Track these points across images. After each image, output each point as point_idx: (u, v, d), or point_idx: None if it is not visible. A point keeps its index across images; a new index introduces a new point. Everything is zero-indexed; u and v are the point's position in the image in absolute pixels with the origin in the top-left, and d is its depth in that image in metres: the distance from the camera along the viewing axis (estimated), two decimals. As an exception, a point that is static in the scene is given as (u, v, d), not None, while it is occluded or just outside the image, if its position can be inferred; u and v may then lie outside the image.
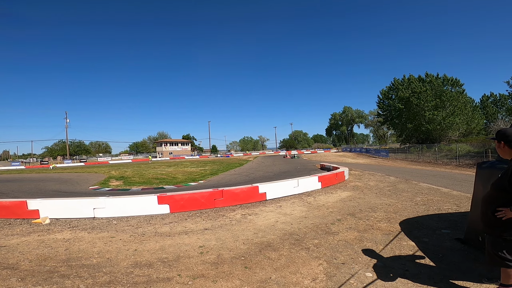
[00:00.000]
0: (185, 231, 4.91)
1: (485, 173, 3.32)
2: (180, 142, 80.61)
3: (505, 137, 2.24)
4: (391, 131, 65.85)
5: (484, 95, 52.29)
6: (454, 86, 36.88)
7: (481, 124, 37.73)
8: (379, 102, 47.62)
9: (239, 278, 2.99)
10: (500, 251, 2.22)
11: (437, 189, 8.29)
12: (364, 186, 9.38)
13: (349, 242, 3.98)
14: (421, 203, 6.43)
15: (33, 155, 74.06)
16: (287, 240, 4.20)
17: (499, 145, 2.30)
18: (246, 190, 7.56)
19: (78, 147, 75.41)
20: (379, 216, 5.41)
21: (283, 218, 5.58)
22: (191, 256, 3.67)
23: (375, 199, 7.10)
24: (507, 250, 2.19)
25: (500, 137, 2.28)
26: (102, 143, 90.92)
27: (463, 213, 5.25)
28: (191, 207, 6.71)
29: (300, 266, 3.23)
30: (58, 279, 3.04)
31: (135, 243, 4.29)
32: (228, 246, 4.05)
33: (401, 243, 3.84)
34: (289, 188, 8.39)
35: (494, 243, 2.27)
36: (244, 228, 5.01)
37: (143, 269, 3.28)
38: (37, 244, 4.28)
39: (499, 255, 2.23)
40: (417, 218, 5.12)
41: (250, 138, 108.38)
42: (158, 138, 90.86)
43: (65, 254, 3.84)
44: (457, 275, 2.82)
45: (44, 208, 6.07)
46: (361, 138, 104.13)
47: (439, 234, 4.16)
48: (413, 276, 2.84)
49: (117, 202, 6.34)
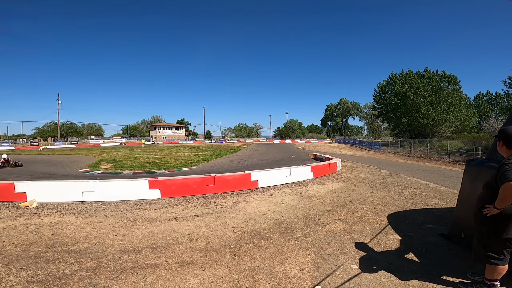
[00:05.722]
0: (175, 217, 4.90)
1: (473, 171, 3.36)
2: (174, 127, 79.72)
3: (505, 137, 2.26)
4: (385, 125, 66.50)
5: (479, 93, 52.85)
6: (451, 83, 37.10)
7: (474, 121, 38.34)
8: (376, 95, 47.69)
9: (227, 266, 3.01)
10: (485, 248, 2.29)
11: (425, 184, 8.47)
12: (356, 178, 9.51)
13: (338, 234, 4.04)
14: (410, 197, 6.56)
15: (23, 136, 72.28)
16: (277, 230, 4.24)
17: (499, 144, 2.33)
18: (239, 177, 7.56)
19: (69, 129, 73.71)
20: (368, 208, 5.50)
21: (274, 207, 5.63)
22: (180, 243, 3.67)
23: (365, 192, 7.21)
24: (492, 247, 2.26)
25: (500, 136, 2.30)
26: (94, 125, 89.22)
27: (448, 209, 5.38)
28: (183, 193, 6.69)
29: (288, 256, 3.28)
30: (43, 264, 3.00)
31: (124, 229, 4.27)
32: (218, 233, 4.07)
33: (388, 237, 3.92)
34: (282, 177, 8.43)
35: (481, 240, 2.33)
36: (235, 215, 5.04)
37: (131, 255, 3.27)
38: (23, 229, 4.21)
39: (484, 253, 2.29)
40: (405, 212, 5.23)
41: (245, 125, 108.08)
42: (152, 122, 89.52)
43: (51, 239, 3.79)
44: (438, 270, 2.90)
45: (31, 191, 5.94)
46: (355, 130, 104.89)
47: (424, 229, 4.27)
48: (396, 269, 2.91)
49: (107, 185, 6.25)
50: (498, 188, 2.09)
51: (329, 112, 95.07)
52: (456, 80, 37.43)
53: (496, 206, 2.10)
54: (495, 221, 2.19)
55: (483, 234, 2.31)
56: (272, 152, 26.70)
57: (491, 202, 2.18)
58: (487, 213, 2.20)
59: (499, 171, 2.10)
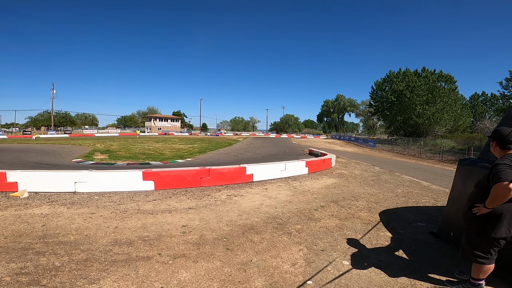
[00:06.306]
0: (168, 210, 4.89)
1: (465, 170, 3.40)
2: (170, 118, 78.91)
3: (498, 137, 2.27)
4: (380, 122, 66.92)
5: (475, 93, 53.43)
6: (448, 83, 37.33)
7: (468, 121, 38.85)
8: (372, 93, 47.78)
9: (220, 260, 3.02)
10: (473, 247, 2.33)
11: (418, 182, 8.59)
12: (349, 175, 9.59)
13: (330, 230, 4.08)
14: (402, 195, 6.65)
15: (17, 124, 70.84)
16: (270, 224, 4.26)
17: (492, 144, 2.35)
18: (234, 170, 7.55)
19: (63, 118, 72.30)
20: (361, 205, 5.57)
21: (268, 201, 5.65)
22: (173, 235, 3.67)
23: (358, 188, 7.28)
24: (479, 246, 2.30)
25: (494, 136, 2.32)
26: (89, 115, 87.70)
27: (439, 207, 5.47)
28: (177, 185, 6.66)
29: (281, 251, 3.30)
30: (32, 256, 2.96)
31: (116, 220, 4.23)
32: (212, 226, 4.07)
33: (379, 234, 3.97)
34: (277, 171, 8.45)
35: (469, 238, 2.37)
36: (229, 209, 5.05)
37: (123, 247, 3.25)
38: (14, 219, 4.14)
39: (472, 251, 2.33)
40: (396, 210, 5.31)
41: (241, 119, 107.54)
42: (148, 113, 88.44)
43: (41, 231, 3.74)
44: (426, 268, 2.95)
45: (23, 181, 5.83)
46: (351, 126, 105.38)
47: (415, 226, 4.34)
48: (386, 266, 2.96)
49: (100, 176, 6.17)
50: (490, 188, 2.11)
51: (326, 108, 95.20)
52: (452, 80, 37.68)
53: (487, 205, 2.12)
54: (484, 220, 2.22)
55: (471, 233, 2.34)
56: (268, 146, 26.71)
57: (481, 202, 2.20)
58: (477, 212, 2.23)
59: (492, 171, 2.12)
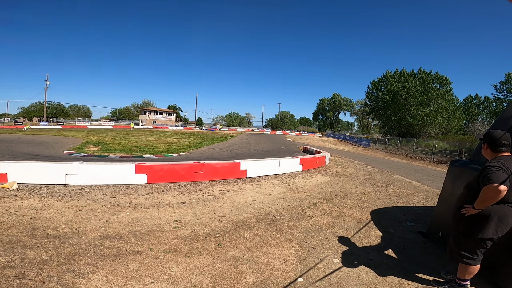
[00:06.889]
0: (161, 204, 4.85)
1: (456, 171, 3.45)
2: (165, 112, 78.00)
3: (489, 140, 2.30)
4: (375, 122, 67.56)
5: (469, 95, 54.25)
6: (443, 85, 37.75)
7: (461, 123, 39.51)
8: (368, 92, 48.07)
9: (211, 255, 3.01)
10: (460, 247, 2.37)
11: (409, 182, 8.72)
12: (343, 173, 9.67)
13: (322, 227, 4.12)
14: (393, 194, 6.75)
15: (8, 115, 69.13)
16: (263, 220, 4.27)
17: (483, 146, 2.38)
18: (228, 165, 7.52)
19: (56, 110, 70.76)
20: (353, 203, 5.62)
21: (261, 198, 5.66)
22: (164, 230, 3.64)
23: (351, 187, 7.35)
24: (466, 246, 2.34)
25: (486, 138, 2.34)
26: (82, 107, 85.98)
27: (429, 208, 5.57)
28: (170, 179, 6.60)
29: (273, 247, 3.31)
30: (20, 249, 2.90)
31: (107, 214, 4.18)
32: (204, 222, 4.06)
33: (370, 232, 4.02)
34: (270, 168, 8.46)
35: (456, 239, 2.41)
36: (222, 204, 5.04)
37: (113, 241, 3.21)
38: (2, 212, 4.04)
39: (458, 252, 2.37)
40: (387, 209, 5.38)
41: (236, 114, 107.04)
42: (142, 106, 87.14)
43: (30, 223, 3.66)
44: (414, 267, 3.00)
45: (12, 172, 5.68)
46: (345, 125, 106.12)
47: (405, 226, 4.41)
48: (375, 265, 3.00)
49: (91, 168, 6.07)
50: (479, 189, 2.14)
51: (322, 106, 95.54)
52: (448, 82, 38.10)
53: (476, 206, 2.15)
54: (472, 221, 2.25)
55: (459, 233, 2.38)
56: (263, 142, 26.70)
57: (470, 203, 2.23)
58: (465, 212, 2.26)
59: (482, 172, 2.15)
